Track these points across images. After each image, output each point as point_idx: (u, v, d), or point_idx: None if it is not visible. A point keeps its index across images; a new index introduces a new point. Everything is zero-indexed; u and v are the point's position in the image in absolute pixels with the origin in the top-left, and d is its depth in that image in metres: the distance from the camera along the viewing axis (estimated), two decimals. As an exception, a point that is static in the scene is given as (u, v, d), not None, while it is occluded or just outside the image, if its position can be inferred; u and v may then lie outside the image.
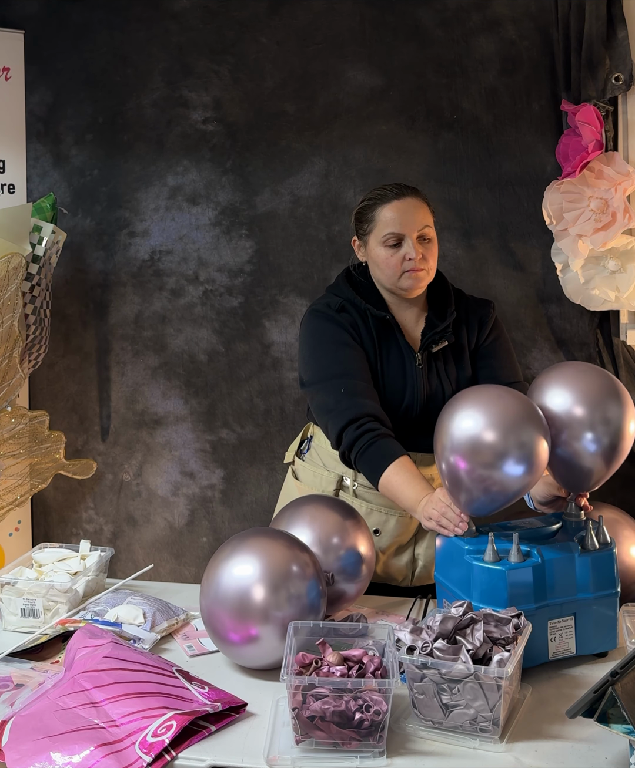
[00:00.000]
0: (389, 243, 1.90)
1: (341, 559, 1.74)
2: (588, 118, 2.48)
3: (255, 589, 1.54)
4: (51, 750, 1.32)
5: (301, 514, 1.79)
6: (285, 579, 1.56)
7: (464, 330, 2.02)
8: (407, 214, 1.90)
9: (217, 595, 1.57)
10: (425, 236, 1.91)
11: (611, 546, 1.62)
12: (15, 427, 2.72)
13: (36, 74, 3.00)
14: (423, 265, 1.90)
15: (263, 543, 1.61)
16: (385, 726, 1.31)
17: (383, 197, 1.94)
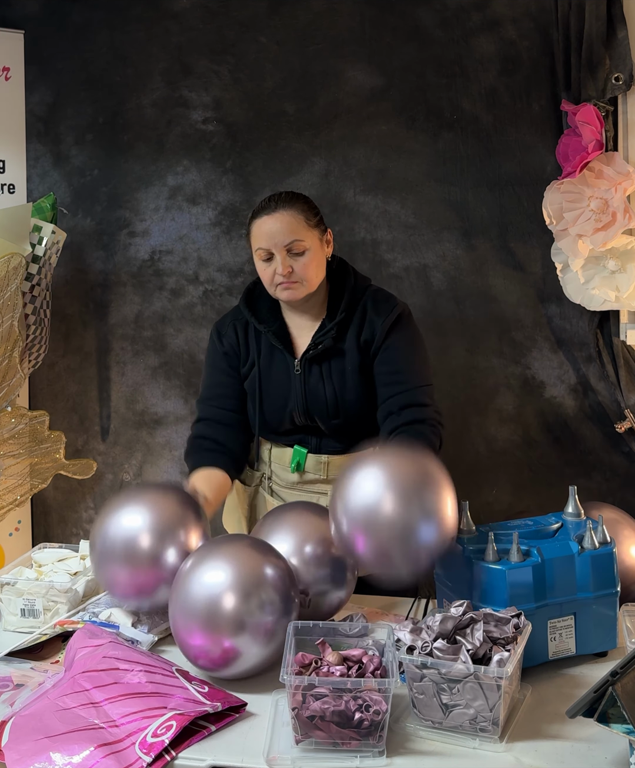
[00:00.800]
0: (261, 257, 1.94)
1: (326, 565, 1.69)
2: (588, 118, 2.48)
3: (225, 598, 1.47)
4: (51, 750, 1.32)
5: (281, 523, 1.75)
6: (257, 586, 1.50)
7: (354, 336, 1.99)
8: (273, 229, 1.91)
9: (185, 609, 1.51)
10: (293, 250, 1.91)
11: (611, 545, 1.62)
12: (15, 427, 2.72)
13: (36, 74, 3.00)
14: (293, 278, 1.92)
15: (232, 550, 1.56)
16: (385, 726, 1.31)
17: (256, 212, 1.96)
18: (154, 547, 1.64)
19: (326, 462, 2.06)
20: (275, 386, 2.04)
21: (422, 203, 2.81)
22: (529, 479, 2.83)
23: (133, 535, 1.65)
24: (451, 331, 2.83)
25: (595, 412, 2.76)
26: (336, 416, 2.01)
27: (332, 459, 2.06)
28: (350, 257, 2.80)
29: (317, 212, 1.99)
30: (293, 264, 1.92)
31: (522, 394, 2.82)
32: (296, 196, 1.98)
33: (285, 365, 2.03)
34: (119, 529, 1.67)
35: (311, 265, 1.94)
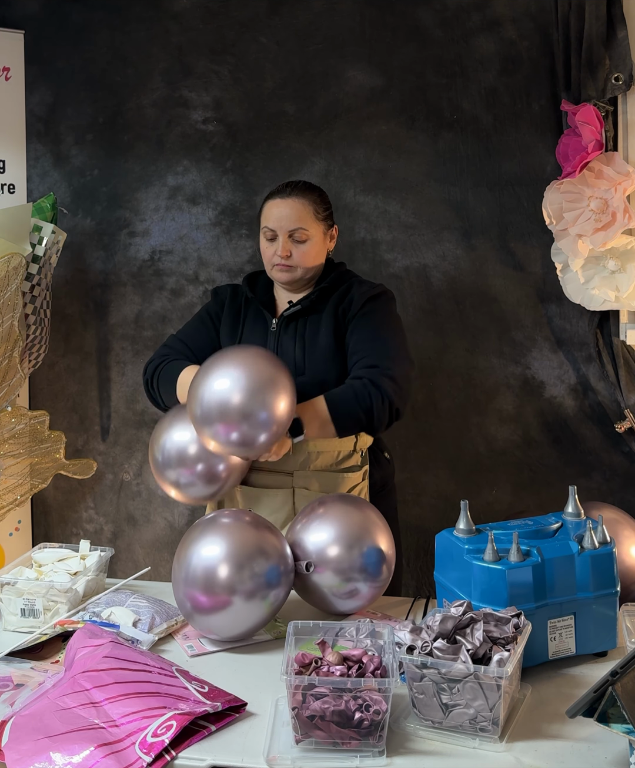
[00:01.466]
0: (267, 236, 2.06)
1: (363, 556, 1.75)
2: (588, 118, 2.48)
3: (220, 567, 1.64)
4: (51, 750, 1.32)
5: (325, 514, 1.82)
6: (250, 558, 1.66)
7: (334, 304, 2.08)
8: (283, 213, 2.03)
9: (187, 573, 1.67)
10: (296, 237, 2.03)
11: (611, 545, 1.62)
12: (15, 427, 2.72)
13: (36, 74, 3.00)
14: (290, 262, 2.04)
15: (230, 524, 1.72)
16: (385, 725, 1.31)
17: (273, 194, 2.08)
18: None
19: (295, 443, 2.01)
20: (254, 340, 2.12)
21: (422, 203, 2.81)
22: (529, 479, 2.83)
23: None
24: (451, 331, 2.83)
25: (595, 412, 2.76)
26: (302, 373, 2.04)
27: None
28: (350, 257, 2.81)
29: (327, 207, 2.10)
30: (293, 249, 2.04)
31: (522, 394, 2.82)
32: (312, 188, 2.10)
33: (264, 325, 2.12)
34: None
35: (310, 254, 2.05)
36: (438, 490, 2.86)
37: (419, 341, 2.85)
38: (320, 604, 1.78)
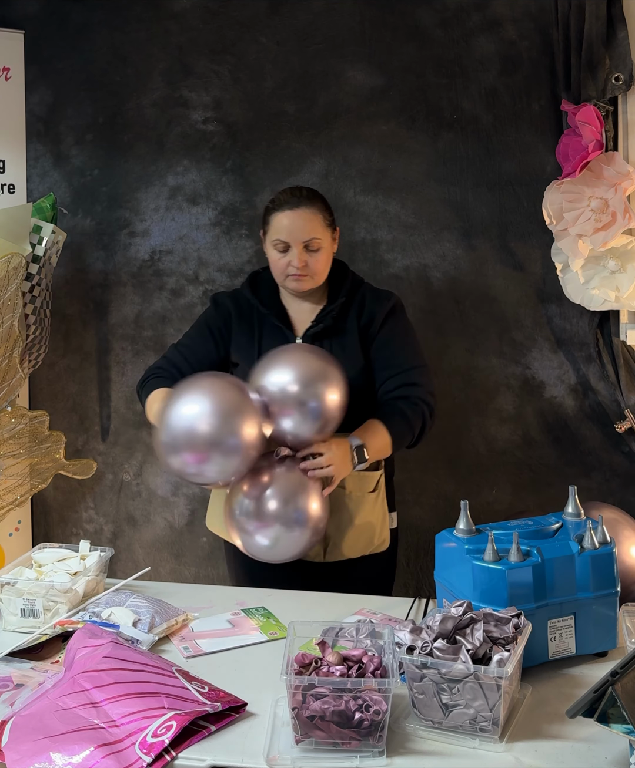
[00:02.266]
0: (278, 248, 2.05)
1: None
2: (588, 118, 2.48)
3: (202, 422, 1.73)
4: (51, 750, 1.32)
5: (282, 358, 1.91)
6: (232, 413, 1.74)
7: (355, 318, 2.12)
8: (296, 225, 2.02)
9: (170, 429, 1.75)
10: (310, 247, 2.03)
11: (611, 545, 1.62)
12: (15, 427, 2.72)
13: (36, 74, 3.00)
14: (306, 271, 2.04)
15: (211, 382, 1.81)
16: (385, 726, 1.31)
17: (280, 204, 2.05)
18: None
19: None
20: None
21: (422, 203, 2.81)
22: (529, 479, 2.83)
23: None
24: (451, 331, 2.83)
25: (595, 412, 2.76)
26: None
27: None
28: (350, 257, 2.81)
29: (331, 212, 2.11)
30: (308, 259, 2.04)
31: (522, 394, 2.82)
32: (317, 195, 2.09)
33: (284, 341, 2.10)
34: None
35: (323, 261, 2.07)
36: (438, 490, 2.86)
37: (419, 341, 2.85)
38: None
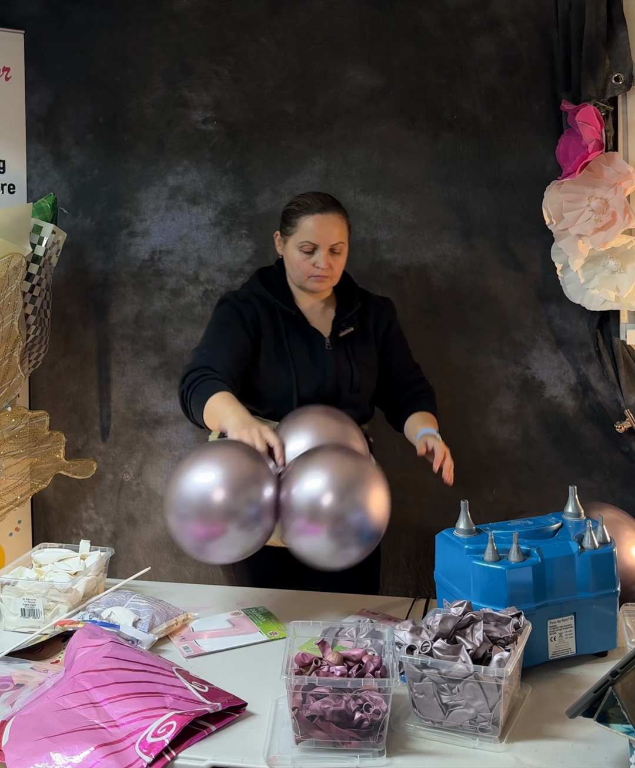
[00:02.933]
0: (304, 249, 2.13)
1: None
2: (588, 118, 2.48)
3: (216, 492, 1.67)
4: (51, 750, 1.32)
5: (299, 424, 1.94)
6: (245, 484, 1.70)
7: (370, 321, 2.28)
8: (326, 228, 2.12)
9: (179, 500, 1.70)
10: (335, 250, 2.14)
11: (611, 545, 1.62)
12: (15, 427, 2.72)
13: (36, 74, 3.00)
14: (329, 273, 2.15)
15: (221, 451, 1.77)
16: (385, 726, 1.31)
17: (309, 207, 2.14)
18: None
19: None
20: (302, 362, 2.18)
21: (422, 203, 2.81)
22: (529, 479, 2.83)
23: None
24: (451, 331, 2.83)
25: (595, 412, 2.76)
26: (357, 390, 2.22)
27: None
28: (351, 257, 2.78)
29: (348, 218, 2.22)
30: (332, 261, 2.14)
31: (522, 394, 2.82)
32: (338, 202, 2.20)
33: (311, 344, 2.20)
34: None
35: (342, 264, 2.20)
36: (438, 490, 2.85)
37: (419, 341, 2.84)
38: None
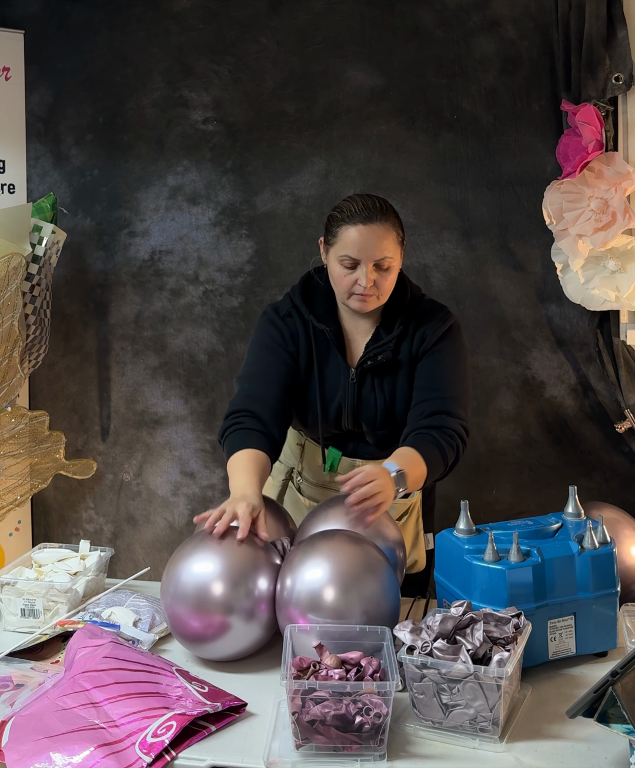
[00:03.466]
0: (345, 264, 1.87)
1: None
2: (588, 118, 2.48)
3: (214, 585, 1.57)
4: (51, 750, 1.32)
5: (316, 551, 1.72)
6: (245, 575, 1.59)
7: (408, 346, 1.97)
8: (369, 242, 1.84)
9: (176, 592, 1.60)
10: (381, 265, 1.87)
11: (611, 545, 1.62)
12: (15, 427, 2.72)
13: (36, 74, 3.00)
14: (373, 291, 1.88)
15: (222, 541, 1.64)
16: (385, 729, 1.30)
17: (352, 216, 1.86)
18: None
19: (360, 466, 1.99)
20: (329, 389, 2.00)
21: (422, 203, 2.81)
22: (529, 479, 2.83)
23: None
24: (451, 331, 2.83)
25: (595, 412, 2.76)
26: (383, 427, 1.99)
27: (365, 464, 2.02)
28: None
29: (402, 227, 1.94)
30: (377, 278, 1.87)
31: (522, 394, 2.82)
32: (390, 208, 1.90)
33: (339, 370, 1.99)
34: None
35: (391, 281, 1.91)
36: (438, 490, 2.85)
37: (419, 341, 2.85)
38: None
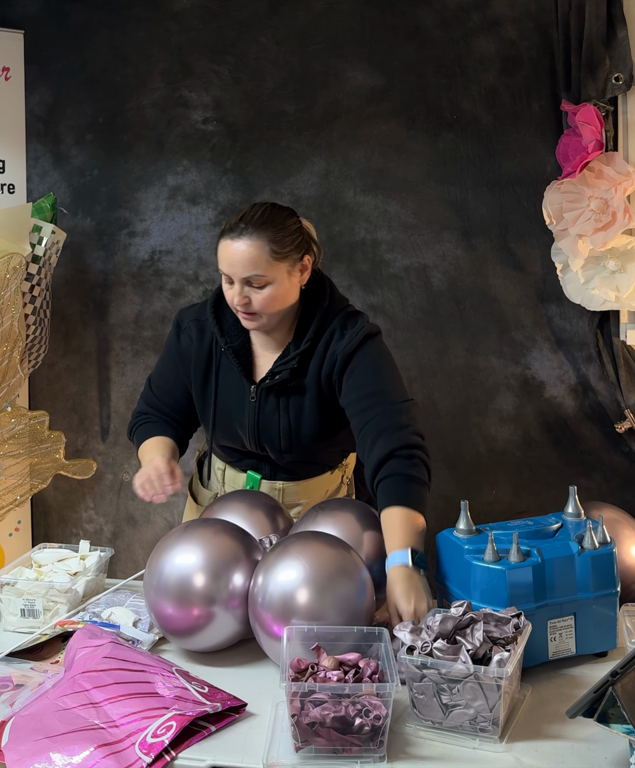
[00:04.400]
0: (225, 278, 1.79)
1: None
2: (588, 118, 2.48)
3: (196, 577, 1.58)
4: (51, 750, 1.31)
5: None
6: (227, 567, 1.60)
7: (319, 362, 1.86)
8: (234, 258, 1.74)
9: (159, 584, 1.61)
10: (253, 283, 1.76)
11: (611, 545, 1.62)
12: (15, 427, 2.72)
13: (36, 74, 2.99)
14: (249, 309, 1.78)
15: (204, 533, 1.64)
16: (385, 731, 1.30)
17: (226, 230, 1.77)
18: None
19: (281, 488, 2.02)
20: (230, 406, 1.93)
21: (422, 203, 2.81)
22: (529, 479, 2.83)
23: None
24: (451, 331, 2.83)
25: (595, 412, 2.76)
26: (288, 451, 1.92)
27: (286, 486, 2.02)
28: (350, 257, 2.81)
29: (292, 239, 1.79)
30: (252, 296, 1.77)
31: (522, 394, 2.82)
32: (270, 221, 1.77)
33: (241, 388, 1.90)
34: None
35: (273, 299, 1.78)
36: (438, 490, 2.85)
37: (419, 341, 2.85)
38: None
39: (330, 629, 1.49)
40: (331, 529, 1.73)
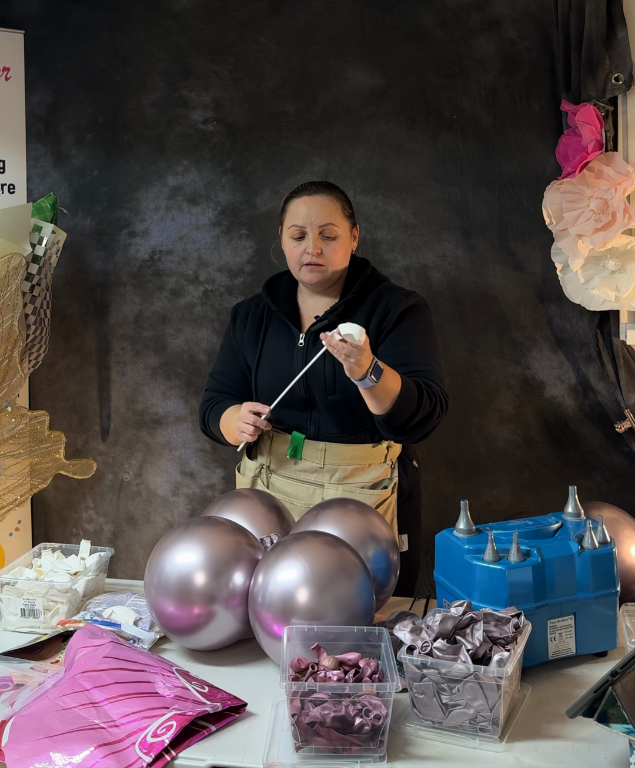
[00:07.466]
0: (293, 235, 2.03)
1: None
2: (588, 118, 2.48)
3: (197, 575, 1.59)
4: (51, 750, 1.32)
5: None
6: (227, 565, 1.61)
7: (364, 316, 2.05)
8: (312, 209, 2.01)
9: (160, 583, 1.62)
10: (326, 233, 2.01)
11: (611, 545, 1.62)
12: (15, 427, 2.72)
13: (36, 74, 3.00)
14: (321, 260, 2.01)
15: (206, 530, 1.66)
16: (385, 730, 1.30)
17: (297, 192, 2.07)
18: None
19: (323, 449, 2.08)
20: (279, 359, 2.10)
21: (422, 203, 2.81)
22: (529, 479, 2.83)
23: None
24: (451, 331, 2.83)
25: (595, 412, 2.76)
26: (333, 392, 2.04)
27: (329, 446, 2.08)
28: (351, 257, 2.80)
29: (351, 205, 2.11)
30: (324, 247, 2.01)
31: (522, 394, 2.82)
32: (335, 186, 2.10)
33: (291, 339, 2.10)
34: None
35: (339, 251, 2.04)
36: (438, 490, 2.86)
37: (419, 341, 2.84)
38: None
39: (330, 629, 1.49)
40: (331, 529, 1.74)
